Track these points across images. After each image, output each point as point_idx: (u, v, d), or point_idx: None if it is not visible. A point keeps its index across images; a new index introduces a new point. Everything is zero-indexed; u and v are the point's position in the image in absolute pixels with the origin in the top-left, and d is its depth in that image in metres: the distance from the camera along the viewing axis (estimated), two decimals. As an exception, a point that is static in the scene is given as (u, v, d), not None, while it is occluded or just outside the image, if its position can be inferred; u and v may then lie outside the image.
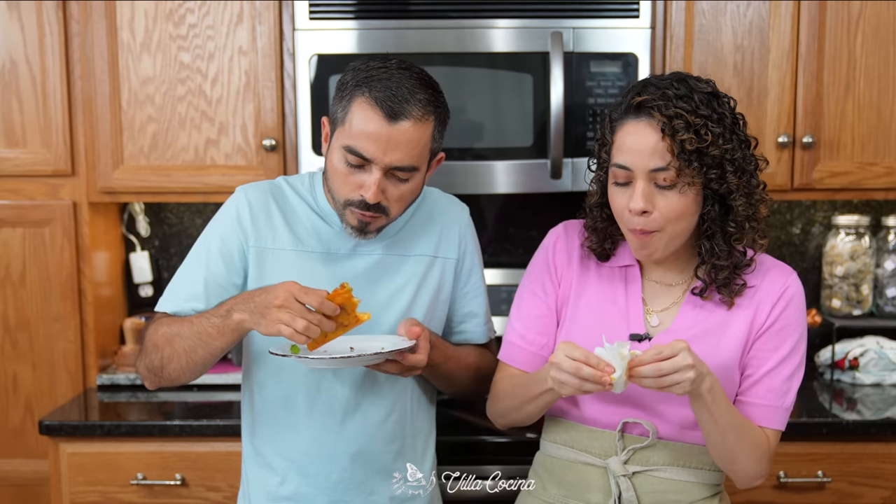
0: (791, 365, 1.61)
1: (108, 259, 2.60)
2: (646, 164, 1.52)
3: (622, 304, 1.65)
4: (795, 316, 1.62)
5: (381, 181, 1.62)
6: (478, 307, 1.87)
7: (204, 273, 1.72)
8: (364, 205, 1.64)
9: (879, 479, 2.20)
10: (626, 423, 1.62)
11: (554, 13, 2.29)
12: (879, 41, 2.35)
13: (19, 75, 2.41)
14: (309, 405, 1.71)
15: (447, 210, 1.85)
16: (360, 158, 1.61)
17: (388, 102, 1.59)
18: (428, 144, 1.65)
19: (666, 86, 1.53)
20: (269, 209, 1.75)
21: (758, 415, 1.60)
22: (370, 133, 1.60)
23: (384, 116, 1.59)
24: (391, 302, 1.75)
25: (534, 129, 2.31)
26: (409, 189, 1.66)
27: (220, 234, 1.74)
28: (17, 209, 2.45)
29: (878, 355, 2.48)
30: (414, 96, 1.61)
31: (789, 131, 2.37)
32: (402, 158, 1.61)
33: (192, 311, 1.70)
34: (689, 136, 1.48)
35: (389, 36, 2.30)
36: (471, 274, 1.86)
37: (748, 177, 1.56)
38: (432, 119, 1.64)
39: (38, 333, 2.48)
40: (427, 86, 1.65)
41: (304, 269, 1.72)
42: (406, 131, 1.60)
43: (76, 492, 2.22)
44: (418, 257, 1.78)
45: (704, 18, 2.34)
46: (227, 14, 2.36)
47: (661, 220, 1.53)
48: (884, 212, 2.67)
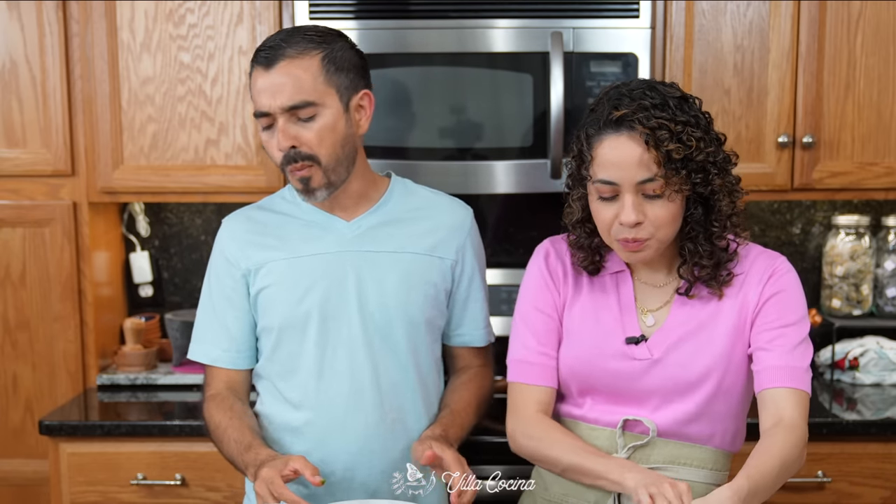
0: (800, 331, 1.59)
1: (108, 259, 2.60)
2: (633, 177, 1.51)
3: (616, 309, 1.66)
4: (791, 289, 1.61)
5: (285, 127, 1.66)
6: (478, 311, 1.87)
7: (218, 320, 1.80)
8: (289, 158, 1.68)
9: (879, 479, 2.20)
10: (626, 421, 1.62)
11: (554, 13, 2.29)
12: (879, 41, 2.35)
13: (19, 75, 2.41)
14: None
15: (449, 211, 1.85)
16: (265, 118, 1.68)
17: (263, 55, 1.67)
18: (318, 77, 1.67)
19: (640, 96, 1.52)
20: (249, 230, 1.79)
21: (779, 377, 1.55)
22: (259, 88, 1.67)
23: (263, 68, 1.66)
24: (381, 302, 1.75)
25: (534, 129, 2.31)
26: (323, 126, 1.67)
27: (217, 275, 1.81)
28: (17, 209, 2.45)
29: (878, 355, 2.48)
30: (289, 39, 1.67)
31: (789, 131, 2.37)
32: (290, 96, 1.65)
33: (226, 357, 1.80)
34: (675, 146, 1.48)
35: (389, 36, 2.30)
36: (472, 277, 1.86)
37: (728, 175, 1.57)
38: (316, 53, 1.67)
39: (38, 333, 2.48)
40: (308, 29, 1.71)
41: (299, 275, 1.74)
42: (283, 71, 1.65)
43: (76, 492, 2.22)
44: (413, 255, 1.78)
45: (704, 18, 2.34)
46: (227, 14, 2.36)
47: (651, 229, 1.54)
48: (884, 212, 2.67)
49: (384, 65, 2.30)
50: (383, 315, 1.75)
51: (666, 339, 1.62)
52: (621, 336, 1.64)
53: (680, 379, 1.60)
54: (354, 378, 1.74)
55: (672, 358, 1.60)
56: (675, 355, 1.60)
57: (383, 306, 1.75)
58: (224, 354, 1.80)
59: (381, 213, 1.80)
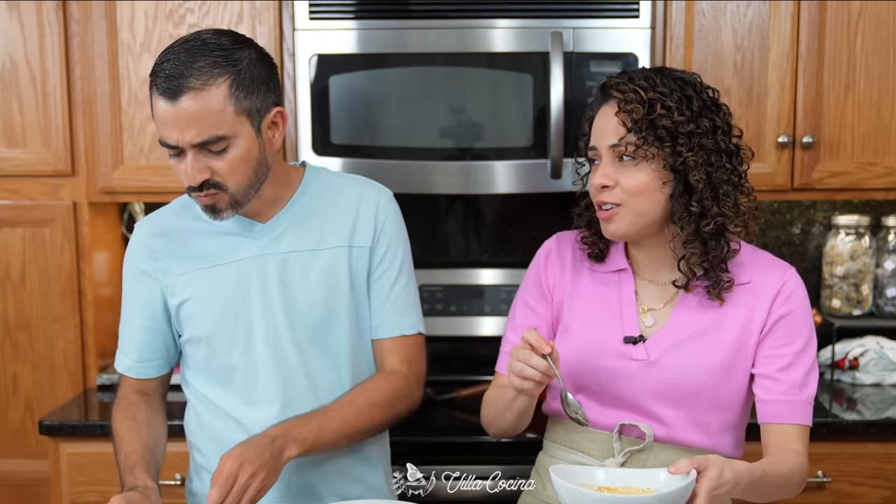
0: (807, 359, 1.59)
1: (108, 259, 2.60)
2: (607, 141, 1.57)
3: (616, 307, 1.65)
4: (801, 309, 1.61)
5: (195, 161, 1.56)
6: (387, 295, 1.75)
7: (127, 325, 1.79)
8: (194, 189, 1.60)
9: (879, 479, 2.20)
10: (623, 426, 1.61)
11: (554, 13, 2.29)
12: (879, 41, 2.35)
13: (19, 75, 2.41)
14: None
15: (363, 195, 1.76)
16: (170, 147, 1.59)
17: (165, 84, 1.54)
18: (228, 107, 1.55)
19: (636, 72, 1.59)
20: (164, 238, 1.74)
21: (780, 412, 1.57)
22: (164, 121, 1.56)
23: (167, 100, 1.55)
24: (308, 302, 1.70)
25: (534, 129, 2.31)
26: (235, 158, 1.58)
27: (127, 283, 1.79)
28: (17, 209, 2.45)
29: (878, 355, 2.48)
30: (189, 68, 1.54)
31: (789, 131, 2.37)
32: (199, 132, 1.55)
33: (135, 367, 1.78)
34: (635, 107, 1.53)
35: (389, 36, 2.30)
36: (384, 257, 1.74)
37: (708, 155, 1.54)
38: (223, 79, 1.55)
39: (38, 333, 2.48)
40: (211, 49, 1.56)
41: (214, 285, 1.69)
42: (189, 106, 1.53)
43: (76, 492, 2.22)
44: (331, 250, 1.71)
45: (704, 18, 2.34)
46: (227, 14, 2.36)
47: (622, 195, 1.56)
48: (884, 212, 2.67)
49: (384, 65, 2.30)
50: (311, 316, 1.70)
51: (664, 341, 1.60)
52: (619, 334, 1.63)
53: (675, 384, 1.58)
54: (289, 384, 1.69)
55: (669, 361, 1.59)
56: (672, 359, 1.59)
57: (310, 306, 1.69)
58: (134, 365, 1.78)
59: (296, 210, 1.72)
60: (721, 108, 1.59)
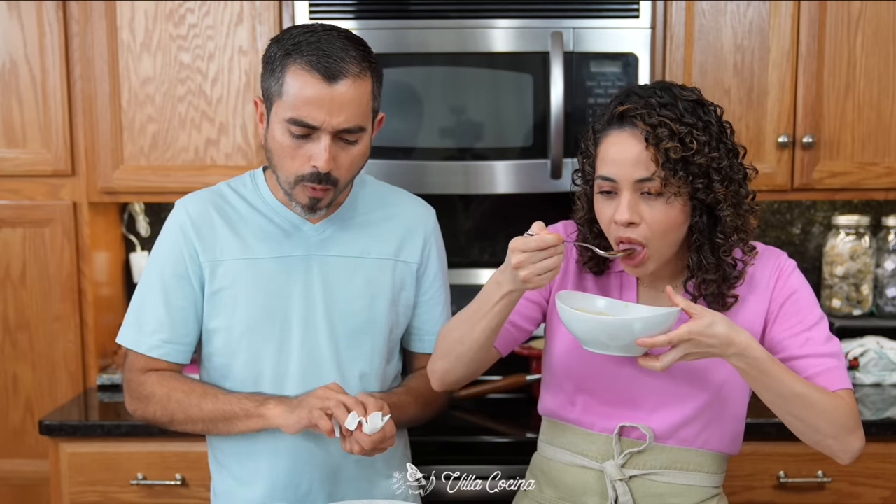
0: (822, 327, 1.59)
1: (108, 259, 2.60)
2: (630, 175, 1.48)
3: None
4: (802, 287, 1.60)
5: (331, 147, 1.56)
6: (438, 315, 1.81)
7: (163, 299, 1.69)
8: (316, 177, 1.57)
9: (879, 479, 2.20)
10: (622, 427, 1.60)
11: (554, 13, 2.29)
12: (879, 41, 2.35)
13: (19, 75, 2.41)
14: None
15: (412, 212, 1.79)
16: (305, 128, 1.55)
17: (324, 63, 1.53)
18: (370, 102, 1.59)
19: (649, 94, 1.50)
20: (212, 219, 1.70)
21: (820, 383, 1.54)
22: (311, 98, 1.53)
23: (322, 78, 1.53)
24: (347, 307, 1.70)
25: (534, 129, 2.31)
26: (358, 153, 1.61)
27: (171, 255, 1.70)
28: (17, 209, 2.45)
29: (878, 355, 2.48)
30: (348, 53, 1.55)
31: (789, 131, 2.37)
32: (348, 119, 1.55)
33: (160, 343, 1.69)
34: (673, 145, 1.45)
35: (389, 36, 2.30)
36: (433, 280, 1.80)
37: (736, 186, 1.52)
38: (370, 75, 1.58)
39: (38, 333, 2.48)
40: (358, 43, 1.59)
41: (258, 278, 1.68)
42: (348, 90, 1.54)
43: (76, 492, 2.22)
44: (376, 260, 1.72)
45: (704, 18, 2.34)
46: (227, 14, 2.36)
47: (647, 232, 1.50)
48: (884, 212, 2.67)
49: (384, 65, 2.27)
50: (350, 321, 1.70)
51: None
52: None
53: (679, 382, 1.58)
54: (319, 385, 1.68)
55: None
56: None
57: (350, 313, 1.70)
58: (162, 345, 1.69)
59: (346, 216, 1.73)
60: (726, 129, 1.55)
